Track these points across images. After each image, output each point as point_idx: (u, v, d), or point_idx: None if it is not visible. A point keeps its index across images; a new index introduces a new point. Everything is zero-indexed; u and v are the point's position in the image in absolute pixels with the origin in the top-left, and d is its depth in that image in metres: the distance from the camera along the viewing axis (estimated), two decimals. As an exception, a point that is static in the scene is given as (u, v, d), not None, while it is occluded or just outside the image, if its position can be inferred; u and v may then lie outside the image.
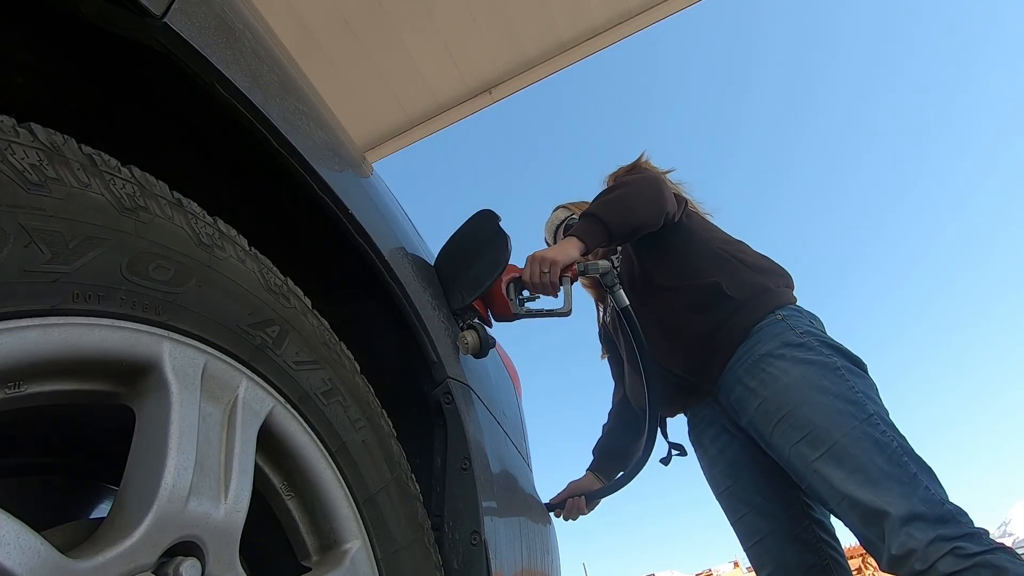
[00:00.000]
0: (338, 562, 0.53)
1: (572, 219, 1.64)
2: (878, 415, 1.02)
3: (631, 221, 1.23)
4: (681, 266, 1.32)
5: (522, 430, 1.28)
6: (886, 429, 1.00)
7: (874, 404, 1.04)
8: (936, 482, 0.97)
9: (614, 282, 1.20)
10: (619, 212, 1.23)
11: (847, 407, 1.02)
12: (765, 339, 1.17)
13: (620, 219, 1.21)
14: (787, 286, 1.29)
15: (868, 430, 0.99)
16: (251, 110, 0.54)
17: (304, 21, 2.71)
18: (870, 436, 0.99)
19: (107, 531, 0.35)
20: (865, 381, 1.08)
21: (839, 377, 1.06)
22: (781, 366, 1.11)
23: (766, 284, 1.25)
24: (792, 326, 1.16)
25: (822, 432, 1.02)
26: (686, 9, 2.99)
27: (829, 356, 1.10)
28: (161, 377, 0.40)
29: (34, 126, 0.36)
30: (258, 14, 0.73)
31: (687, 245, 1.35)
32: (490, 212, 1.08)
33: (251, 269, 0.50)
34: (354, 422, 0.59)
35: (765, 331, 1.18)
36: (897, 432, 1.01)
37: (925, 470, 0.97)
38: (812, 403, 1.05)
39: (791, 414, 1.07)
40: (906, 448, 0.99)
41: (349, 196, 0.68)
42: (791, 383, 1.09)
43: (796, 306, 1.24)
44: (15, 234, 0.33)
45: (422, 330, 0.79)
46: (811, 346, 1.12)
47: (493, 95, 3.23)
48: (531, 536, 1.02)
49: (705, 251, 1.33)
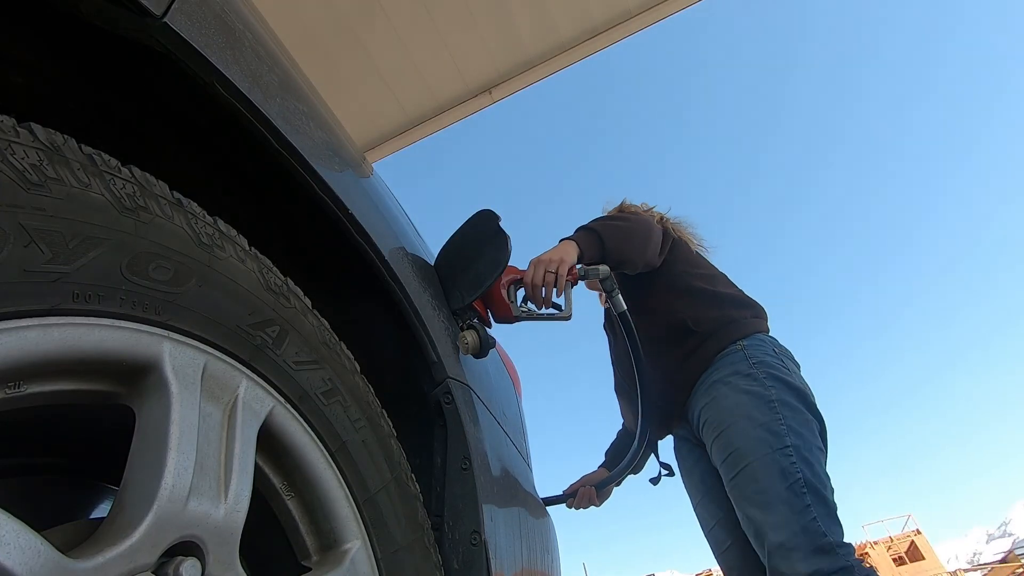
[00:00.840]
0: (338, 562, 0.53)
1: None
2: (794, 447, 1.10)
3: (623, 252, 1.30)
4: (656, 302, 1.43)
5: (522, 430, 1.28)
6: (796, 461, 1.09)
7: (795, 437, 1.12)
8: (828, 517, 1.05)
9: (613, 286, 1.23)
10: (617, 239, 1.29)
11: (766, 436, 1.13)
12: (722, 367, 1.28)
13: (616, 245, 1.27)
14: (756, 316, 1.38)
15: (778, 459, 1.09)
16: (251, 110, 0.54)
17: (304, 21, 2.71)
18: (778, 464, 1.09)
19: (107, 531, 0.36)
20: (798, 416, 1.16)
21: (770, 408, 1.16)
22: (724, 391, 1.23)
23: (733, 316, 1.35)
24: (749, 356, 1.26)
25: (739, 455, 1.15)
26: (686, 9, 2.99)
27: (768, 388, 1.20)
28: (161, 377, 0.40)
29: (34, 126, 0.36)
30: (258, 14, 0.73)
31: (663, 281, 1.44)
32: (490, 212, 1.08)
33: (251, 269, 0.50)
34: (354, 422, 0.59)
35: (724, 359, 1.29)
36: (809, 466, 1.09)
37: (822, 503, 1.06)
38: (738, 428, 1.17)
39: (722, 435, 1.20)
40: (809, 482, 1.07)
41: (349, 196, 0.68)
42: (727, 407, 1.21)
43: (761, 336, 1.32)
44: (15, 234, 0.33)
45: (422, 330, 0.79)
46: (756, 377, 1.22)
47: (493, 95, 3.23)
48: (531, 536, 1.02)
49: (680, 286, 1.42)
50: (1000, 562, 22.66)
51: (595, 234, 1.26)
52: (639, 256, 1.33)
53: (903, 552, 19.85)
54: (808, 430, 1.15)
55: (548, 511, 1.26)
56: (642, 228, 1.37)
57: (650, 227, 1.39)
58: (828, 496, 1.07)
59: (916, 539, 19.72)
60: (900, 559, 19.76)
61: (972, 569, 25.02)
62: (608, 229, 1.28)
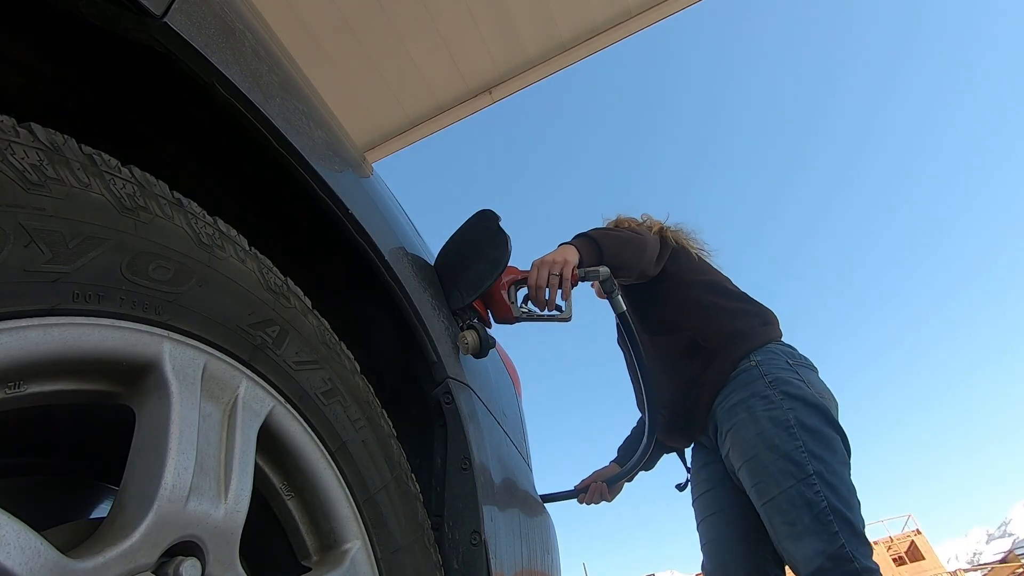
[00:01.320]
0: (338, 562, 0.53)
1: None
2: (817, 474, 1.14)
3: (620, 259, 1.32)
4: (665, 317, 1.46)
5: (522, 430, 1.28)
6: (820, 489, 1.12)
7: (817, 463, 1.15)
8: (855, 538, 1.08)
9: (613, 288, 1.24)
10: (614, 246, 1.31)
11: (789, 467, 1.16)
12: (739, 387, 1.30)
13: (612, 251, 1.29)
14: (764, 324, 1.40)
15: (803, 490, 1.13)
16: (251, 110, 0.54)
17: (304, 21, 2.71)
18: (803, 496, 1.13)
19: (107, 531, 0.35)
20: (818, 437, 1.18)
21: (790, 435, 1.18)
22: (744, 419, 1.25)
23: (741, 328, 1.37)
24: (764, 372, 1.28)
25: (766, 486, 1.18)
26: (686, 9, 2.99)
27: (787, 411, 1.21)
28: (161, 377, 0.40)
29: (34, 126, 0.36)
30: (258, 14, 0.73)
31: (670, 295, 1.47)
32: (490, 212, 1.08)
33: (251, 269, 0.50)
34: (354, 422, 0.59)
35: (740, 378, 1.30)
36: (833, 491, 1.12)
37: (848, 527, 1.09)
38: (761, 459, 1.20)
39: (748, 464, 1.23)
40: (835, 508, 1.10)
41: (349, 196, 0.68)
42: (750, 437, 1.23)
43: (771, 346, 1.34)
44: (15, 234, 0.33)
45: (422, 330, 0.79)
46: (773, 399, 1.23)
47: (493, 95, 3.23)
48: (531, 536, 1.02)
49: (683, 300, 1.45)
50: (1000, 562, 22.65)
51: (592, 241, 1.28)
52: (635, 264, 1.36)
53: (903, 552, 19.85)
54: (829, 450, 1.17)
55: (548, 511, 1.26)
56: (638, 239, 1.39)
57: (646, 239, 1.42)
58: (853, 517, 1.10)
59: (916, 539, 19.72)
60: (900, 559, 19.76)
61: (972, 569, 25.01)
62: (605, 237, 1.31)
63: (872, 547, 1.09)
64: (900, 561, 19.66)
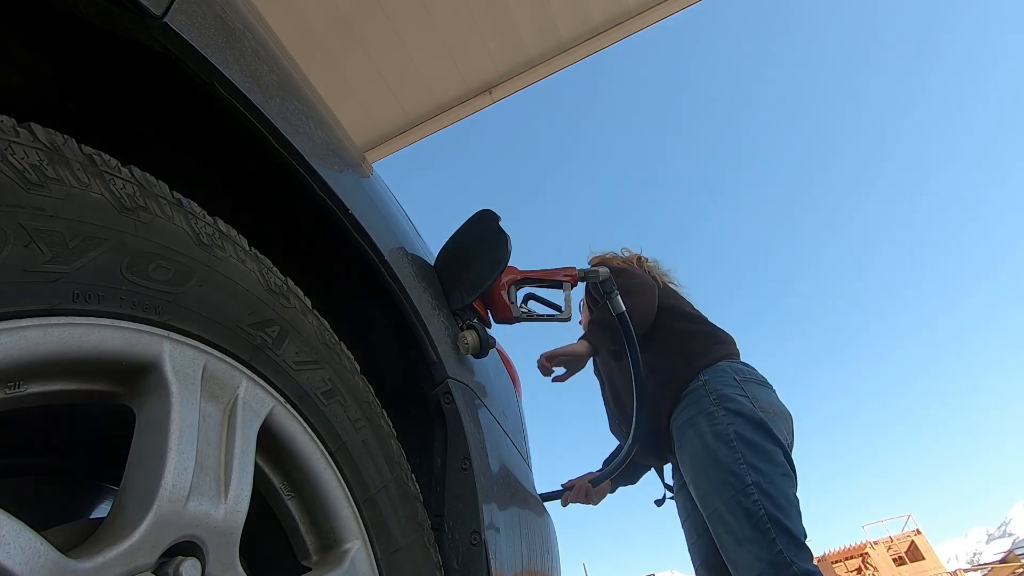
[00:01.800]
0: (338, 562, 0.53)
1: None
2: (755, 484, 1.20)
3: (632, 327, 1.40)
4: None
5: (522, 430, 1.28)
6: (758, 498, 1.18)
7: (755, 474, 1.21)
8: (793, 544, 1.14)
9: (612, 288, 1.27)
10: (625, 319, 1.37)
11: (729, 478, 1.22)
12: (689, 405, 1.38)
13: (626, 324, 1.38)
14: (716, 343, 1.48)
15: (742, 499, 1.19)
16: (251, 110, 0.54)
17: (304, 21, 2.71)
18: (742, 505, 1.19)
19: (107, 531, 0.35)
20: (757, 450, 1.24)
21: (731, 449, 1.25)
22: (691, 436, 1.33)
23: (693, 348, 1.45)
24: (710, 390, 1.35)
25: (709, 498, 1.25)
26: (686, 9, 2.99)
27: (727, 426, 1.28)
28: (161, 377, 0.40)
29: (34, 126, 0.36)
30: (258, 14, 0.73)
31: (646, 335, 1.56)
32: (490, 212, 1.08)
33: (251, 269, 0.50)
34: (354, 422, 0.59)
35: (689, 397, 1.38)
36: (770, 500, 1.18)
37: (786, 534, 1.14)
38: (705, 475, 1.27)
39: (693, 479, 1.31)
40: (773, 516, 1.16)
41: (349, 196, 0.68)
42: (695, 453, 1.31)
43: (722, 364, 1.41)
44: (15, 234, 0.33)
45: (422, 330, 0.79)
46: (715, 416, 1.30)
47: (493, 95, 3.23)
48: (531, 536, 1.02)
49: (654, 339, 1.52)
50: (1000, 562, 22.66)
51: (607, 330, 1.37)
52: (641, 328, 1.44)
53: (903, 552, 19.85)
54: (768, 462, 1.22)
55: (548, 511, 1.26)
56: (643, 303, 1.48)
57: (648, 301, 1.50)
58: (792, 525, 1.16)
59: (916, 539, 19.72)
60: (900, 559, 19.76)
61: (972, 569, 25.02)
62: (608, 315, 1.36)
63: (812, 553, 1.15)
64: (900, 561, 19.66)
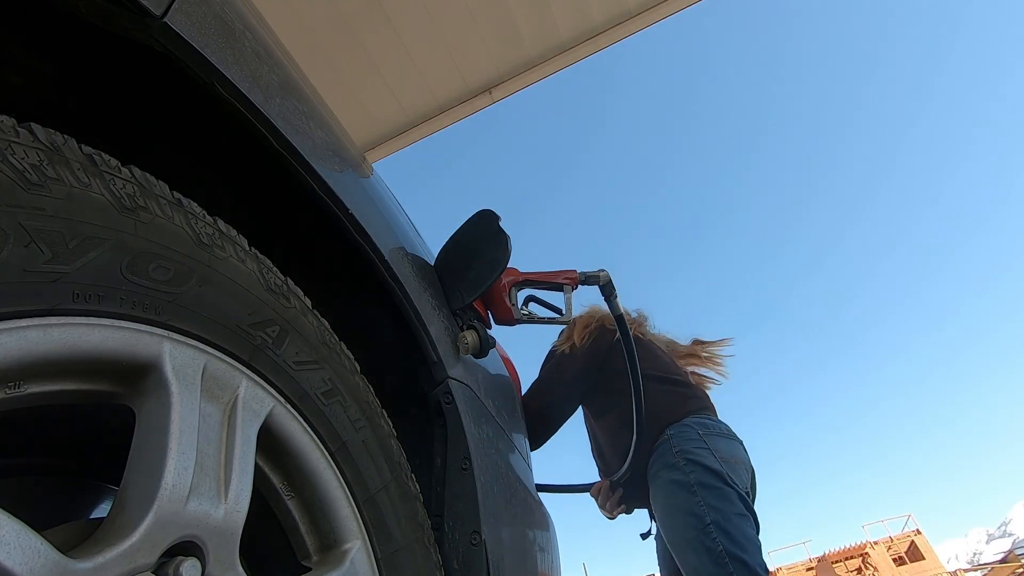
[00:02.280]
0: (338, 562, 0.53)
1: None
2: (714, 523, 1.30)
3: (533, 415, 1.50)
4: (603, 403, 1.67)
5: (522, 430, 1.28)
6: (716, 536, 1.28)
7: (714, 513, 1.31)
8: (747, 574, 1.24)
9: (612, 292, 1.31)
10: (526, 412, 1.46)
11: (691, 520, 1.33)
12: (657, 459, 1.49)
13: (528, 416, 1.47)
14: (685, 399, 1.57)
15: (703, 539, 1.29)
16: (251, 110, 0.54)
17: (304, 21, 2.71)
18: (703, 544, 1.29)
19: (107, 531, 0.35)
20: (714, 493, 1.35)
21: (691, 494, 1.36)
22: (659, 486, 1.45)
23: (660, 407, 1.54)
24: (673, 445, 1.45)
25: (676, 541, 1.37)
26: (686, 9, 2.99)
27: (688, 474, 1.39)
28: (161, 377, 0.40)
29: (34, 126, 0.36)
30: (258, 14, 0.73)
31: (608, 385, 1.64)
32: (490, 212, 1.08)
33: (251, 269, 0.50)
34: (354, 422, 0.59)
35: (657, 451, 1.50)
36: (727, 536, 1.28)
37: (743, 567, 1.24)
38: (671, 519, 1.39)
39: (663, 525, 1.43)
40: (730, 552, 1.26)
41: (349, 196, 0.68)
42: (662, 500, 1.43)
43: (688, 420, 1.50)
44: (15, 234, 0.33)
45: (422, 330, 0.79)
46: (678, 466, 1.41)
47: (493, 95, 3.23)
48: (531, 536, 1.02)
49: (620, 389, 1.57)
50: (1000, 562, 22.65)
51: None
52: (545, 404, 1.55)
53: (903, 552, 19.85)
54: (725, 502, 1.33)
55: (548, 511, 1.26)
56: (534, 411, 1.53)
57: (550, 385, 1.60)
58: (749, 558, 1.25)
59: (916, 539, 19.72)
60: (900, 559, 19.75)
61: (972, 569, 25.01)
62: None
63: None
64: (900, 561, 19.66)
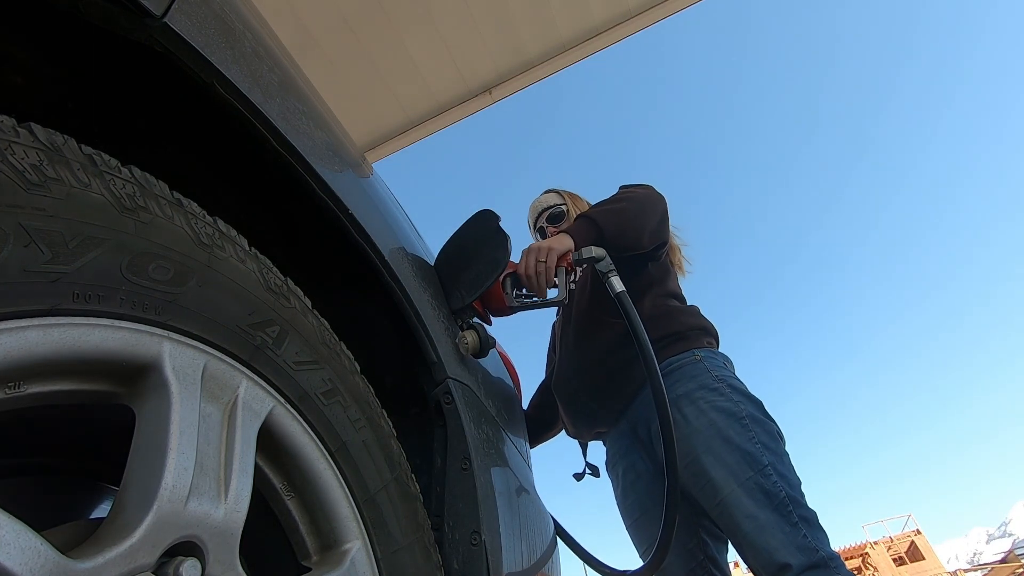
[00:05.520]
0: (338, 562, 0.53)
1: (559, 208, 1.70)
2: (772, 465, 1.12)
3: (626, 237, 1.27)
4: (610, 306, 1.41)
5: (522, 430, 1.28)
6: (777, 480, 1.11)
7: (770, 454, 1.14)
8: (814, 527, 1.07)
9: (610, 268, 1.20)
10: (617, 224, 1.26)
11: (744, 458, 1.13)
12: (683, 379, 1.25)
13: (616, 230, 1.25)
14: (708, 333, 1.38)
15: (761, 481, 1.11)
16: (251, 110, 0.54)
17: (304, 21, 2.71)
18: (761, 487, 1.10)
19: (107, 531, 0.35)
20: (766, 429, 1.17)
21: (743, 427, 1.16)
22: (692, 411, 1.21)
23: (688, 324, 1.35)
24: (708, 368, 1.25)
25: (719, 481, 1.13)
26: (686, 9, 2.99)
27: (738, 404, 1.19)
28: (161, 377, 0.40)
29: (34, 126, 0.36)
30: (258, 14, 0.73)
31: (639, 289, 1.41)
32: (490, 212, 1.09)
33: (251, 269, 0.50)
34: (354, 422, 0.59)
35: (683, 371, 1.27)
36: (787, 481, 1.11)
37: (806, 518, 1.08)
38: (715, 453, 1.16)
39: (696, 460, 1.17)
40: (793, 498, 1.09)
41: (349, 196, 0.68)
42: (699, 428, 1.19)
43: (713, 350, 1.32)
44: (15, 234, 0.33)
45: (422, 330, 0.79)
46: (723, 392, 1.21)
47: (493, 95, 3.23)
48: (531, 536, 1.02)
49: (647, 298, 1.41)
50: (1000, 562, 22.66)
51: (591, 223, 1.25)
52: (639, 235, 1.30)
53: (903, 552, 19.85)
54: (776, 441, 1.17)
55: (548, 511, 1.26)
56: (646, 204, 1.32)
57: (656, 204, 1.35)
58: (807, 507, 1.10)
59: (916, 539, 19.73)
60: (900, 559, 19.76)
61: (972, 569, 25.02)
62: (605, 216, 1.26)
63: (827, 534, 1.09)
64: (900, 561, 19.67)
